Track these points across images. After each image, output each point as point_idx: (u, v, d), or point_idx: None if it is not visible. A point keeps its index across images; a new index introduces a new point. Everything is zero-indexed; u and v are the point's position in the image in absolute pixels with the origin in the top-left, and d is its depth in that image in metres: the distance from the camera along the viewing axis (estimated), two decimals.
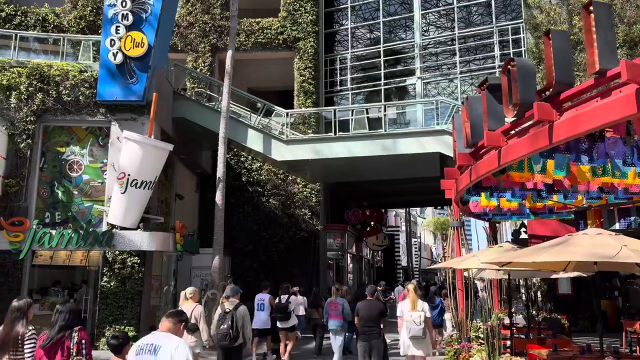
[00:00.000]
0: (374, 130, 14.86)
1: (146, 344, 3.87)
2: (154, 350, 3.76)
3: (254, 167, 20.94)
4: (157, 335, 3.94)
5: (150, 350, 3.78)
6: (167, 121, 15.54)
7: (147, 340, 3.91)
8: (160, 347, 3.77)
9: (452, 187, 9.97)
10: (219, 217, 13.62)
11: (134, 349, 3.90)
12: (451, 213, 9.91)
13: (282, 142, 15.17)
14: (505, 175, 7.66)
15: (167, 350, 3.74)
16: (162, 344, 3.79)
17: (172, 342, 3.82)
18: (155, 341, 3.86)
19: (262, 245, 20.37)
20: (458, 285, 9.55)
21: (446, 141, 13.96)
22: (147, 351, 3.79)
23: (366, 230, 26.82)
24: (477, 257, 7.50)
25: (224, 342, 7.33)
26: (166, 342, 3.81)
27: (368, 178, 18.72)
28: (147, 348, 3.81)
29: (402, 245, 49.57)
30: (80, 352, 4.80)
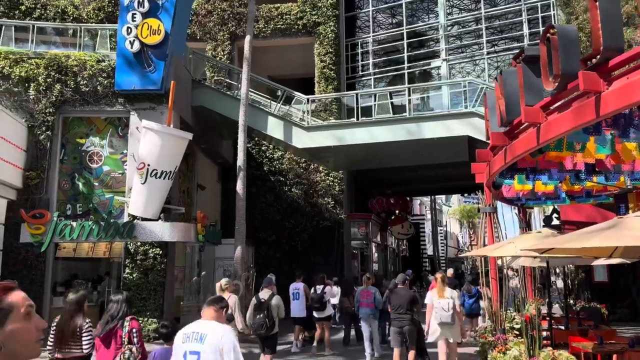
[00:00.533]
0: (398, 115, 14.31)
1: (192, 331, 3.86)
2: (200, 339, 3.77)
3: (275, 156, 20.60)
4: (202, 324, 3.92)
5: (196, 338, 3.79)
6: (187, 110, 15.27)
7: (192, 329, 3.90)
8: (206, 335, 3.76)
9: (484, 171, 9.42)
10: (240, 207, 13.32)
11: (180, 336, 3.92)
12: (483, 198, 9.36)
13: (302, 129, 14.75)
14: (543, 155, 7.11)
15: (213, 339, 3.74)
16: (207, 333, 3.78)
17: (218, 330, 3.83)
18: (201, 329, 3.85)
19: (285, 235, 20.07)
20: (491, 274, 9.04)
21: (475, 124, 13.34)
22: (193, 339, 3.81)
23: (391, 218, 26.29)
24: (513, 243, 6.99)
25: (260, 331, 7.57)
26: (212, 330, 3.81)
27: (392, 165, 18.17)
28: (194, 336, 3.82)
29: (428, 234, 48.82)
30: (131, 340, 4.88)
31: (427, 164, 18.07)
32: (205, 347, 3.71)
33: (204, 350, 3.71)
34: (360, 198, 24.74)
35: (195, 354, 3.73)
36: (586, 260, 8.32)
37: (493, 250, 7.09)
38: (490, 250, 7.26)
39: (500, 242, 7.77)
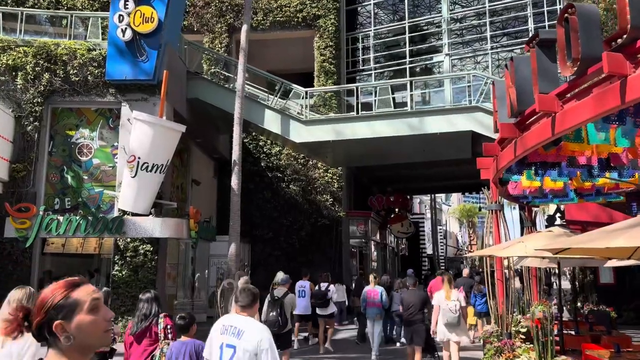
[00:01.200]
0: (400, 109, 13.82)
1: (230, 325, 3.82)
2: (238, 334, 3.72)
3: (273, 152, 20.09)
4: (240, 319, 3.85)
5: (234, 332, 3.75)
6: (181, 102, 14.77)
7: (230, 322, 3.86)
8: (244, 331, 3.72)
9: (490, 166, 8.92)
10: (235, 202, 12.82)
11: (218, 327, 3.87)
12: (488, 195, 8.86)
13: (301, 123, 14.24)
14: (556, 148, 6.61)
15: (251, 336, 3.68)
16: (245, 329, 3.73)
17: (256, 328, 3.78)
18: (239, 325, 3.78)
19: (282, 232, 19.59)
20: (497, 275, 8.54)
21: (479, 119, 12.84)
22: (230, 333, 3.77)
23: (390, 216, 25.79)
24: (524, 243, 6.50)
25: (274, 328, 7.53)
26: (250, 327, 3.76)
27: (393, 161, 17.67)
28: (231, 330, 3.77)
29: (427, 233, 48.35)
30: (167, 336, 5.03)
31: (429, 160, 17.59)
32: (242, 342, 3.67)
33: (240, 345, 3.67)
34: (359, 195, 24.25)
35: (231, 347, 3.71)
36: (598, 261, 7.84)
37: (502, 249, 6.60)
38: (499, 249, 6.77)
39: (509, 241, 7.28)
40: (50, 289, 1.71)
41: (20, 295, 3.83)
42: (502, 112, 7.22)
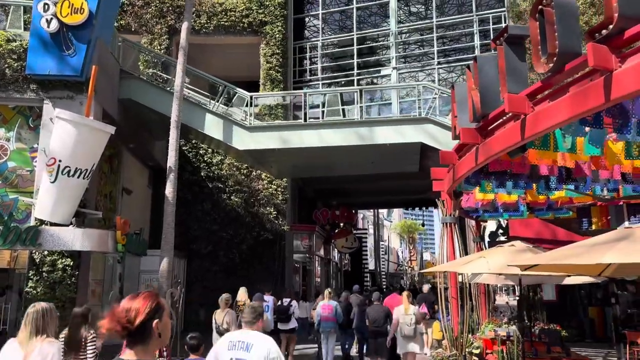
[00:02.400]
0: (350, 117, 13.26)
1: (238, 340, 3.92)
2: (247, 348, 3.82)
3: (214, 161, 19.02)
4: (247, 333, 3.98)
5: (242, 347, 3.84)
6: (112, 102, 13.53)
7: (237, 337, 3.97)
8: (252, 345, 3.82)
9: (445, 176, 8.44)
10: (169, 213, 11.72)
11: (224, 343, 3.95)
12: (444, 208, 8.35)
13: (245, 129, 13.36)
14: (521, 156, 6.16)
15: (260, 349, 3.79)
16: (254, 343, 3.85)
17: (264, 341, 3.90)
18: (247, 339, 3.90)
19: (222, 246, 18.47)
20: (452, 292, 8.00)
21: (429, 131, 12.48)
22: (239, 347, 3.86)
23: (335, 231, 25.20)
24: (485, 258, 5.95)
25: None
26: (258, 340, 3.88)
27: (340, 173, 17.09)
28: (240, 345, 3.86)
29: (370, 249, 48.22)
30: (161, 354, 5.67)
31: (376, 173, 17.14)
32: (252, 355, 3.77)
33: (251, 358, 3.77)
34: (304, 209, 23.50)
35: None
36: (557, 278, 7.46)
37: (463, 265, 6.02)
38: (458, 265, 6.19)
39: (468, 257, 6.75)
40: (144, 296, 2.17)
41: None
42: (463, 117, 6.72)
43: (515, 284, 8.62)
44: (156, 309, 2.09)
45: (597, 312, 15.67)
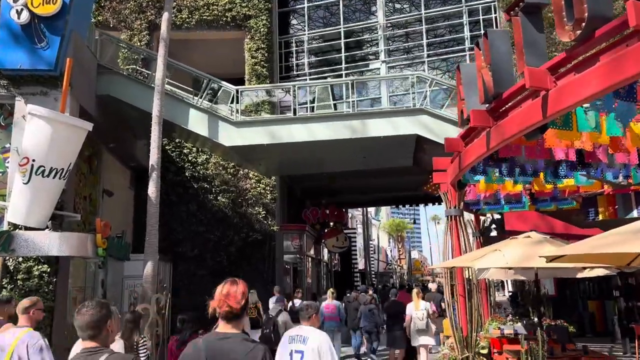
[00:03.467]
0: (341, 110, 12.70)
1: (296, 334, 4.64)
2: (304, 340, 4.53)
3: (199, 160, 18.30)
4: (304, 329, 4.66)
5: (300, 340, 4.55)
6: (89, 99, 12.80)
7: (295, 332, 4.68)
8: (308, 338, 4.53)
9: (449, 166, 7.93)
10: (153, 214, 11.04)
11: (286, 339, 4.70)
12: (448, 200, 7.83)
13: (231, 125, 12.72)
14: (538, 139, 5.65)
15: (314, 341, 4.48)
16: (309, 336, 4.55)
17: (318, 335, 4.59)
18: (304, 333, 4.60)
19: (209, 249, 17.76)
20: (459, 290, 7.48)
21: (424, 122, 11.98)
22: (297, 341, 4.56)
23: (325, 231, 24.63)
24: (500, 251, 5.43)
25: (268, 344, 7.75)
26: (312, 334, 4.58)
27: (330, 170, 16.51)
28: (298, 338, 4.58)
29: (359, 248, 47.74)
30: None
31: (368, 169, 16.59)
32: (308, 347, 4.41)
33: (307, 349, 4.40)
34: (293, 208, 22.89)
35: (299, 352, 4.45)
36: (571, 272, 6.99)
37: (477, 259, 5.50)
38: (471, 259, 5.66)
39: (480, 250, 6.22)
40: (241, 284, 2.90)
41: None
42: (471, 100, 6.20)
43: (528, 279, 8.14)
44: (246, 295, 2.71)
45: (597, 306, 15.34)
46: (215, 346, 2.68)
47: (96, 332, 2.70)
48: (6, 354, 4.22)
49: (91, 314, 2.74)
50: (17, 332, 4.39)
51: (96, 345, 2.67)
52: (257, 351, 2.68)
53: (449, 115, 11.84)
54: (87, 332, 2.69)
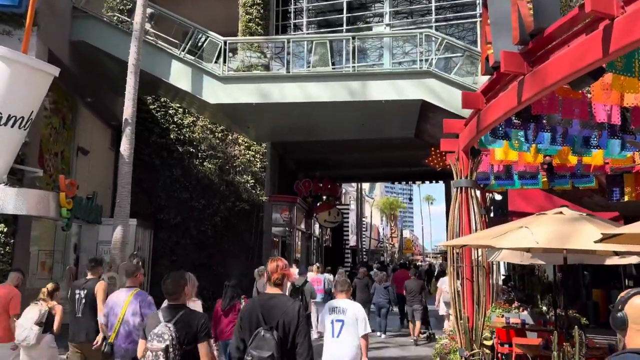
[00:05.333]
0: (339, 69, 11.48)
1: (336, 306, 5.31)
2: (343, 311, 5.24)
3: (185, 123, 17.05)
4: (342, 301, 5.35)
5: (340, 311, 5.25)
6: (61, 44, 11.52)
7: (336, 304, 5.34)
8: (347, 309, 5.24)
9: (462, 130, 6.82)
10: (125, 174, 9.92)
11: (327, 309, 5.37)
12: (457, 169, 6.74)
13: (217, 80, 11.50)
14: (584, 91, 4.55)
15: (352, 311, 5.22)
16: (348, 307, 5.25)
17: (355, 306, 5.33)
18: (342, 305, 5.30)
19: (193, 217, 16.67)
20: (466, 273, 6.47)
21: (431, 86, 10.83)
22: (338, 311, 5.26)
23: (317, 204, 23.60)
24: (528, 228, 4.38)
25: None
26: (351, 306, 5.29)
27: (326, 138, 15.35)
28: (338, 310, 5.27)
29: (352, 225, 46.91)
30: None
31: (366, 139, 15.46)
32: (347, 317, 5.21)
33: (346, 318, 5.21)
34: (284, 180, 21.79)
35: (339, 321, 5.23)
36: (601, 258, 5.98)
37: (500, 238, 4.44)
38: (492, 237, 4.60)
39: (503, 227, 5.18)
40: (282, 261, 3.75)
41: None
42: (499, 42, 5.04)
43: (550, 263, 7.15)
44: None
45: (601, 295, 14.46)
46: (266, 302, 3.60)
47: (177, 295, 3.78)
48: (121, 308, 5.18)
49: (173, 282, 3.82)
50: (129, 291, 5.29)
51: (177, 303, 3.77)
52: (295, 305, 3.60)
53: (459, 80, 10.69)
54: (171, 295, 3.78)
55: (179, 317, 3.66)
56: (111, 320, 5.21)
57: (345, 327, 5.13)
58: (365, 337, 5.17)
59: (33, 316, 5.73)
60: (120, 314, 5.13)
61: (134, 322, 5.08)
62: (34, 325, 5.66)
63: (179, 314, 3.68)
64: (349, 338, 5.11)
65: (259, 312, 3.55)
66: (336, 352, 5.13)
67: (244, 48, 15.93)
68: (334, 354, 5.13)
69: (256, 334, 3.45)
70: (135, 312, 5.15)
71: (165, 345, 3.49)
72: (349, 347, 5.10)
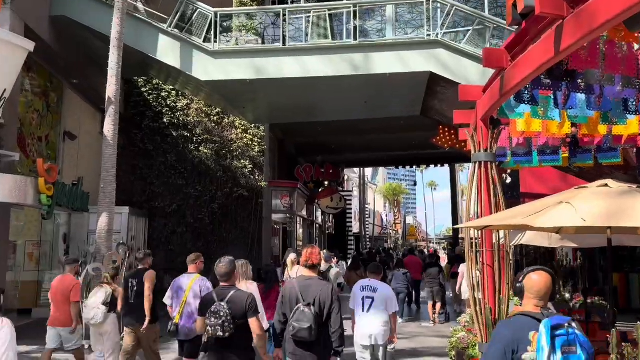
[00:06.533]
0: (340, 41, 10.62)
1: (367, 285, 5.90)
2: (374, 289, 5.81)
3: (178, 106, 16.25)
4: (372, 281, 5.93)
5: (371, 289, 5.82)
6: (40, 18, 10.69)
7: (367, 284, 5.92)
8: (377, 288, 5.83)
9: (479, 96, 6.03)
10: (109, 157, 9.16)
11: (358, 287, 5.96)
12: (475, 141, 5.95)
13: (208, 55, 10.67)
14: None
15: (382, 290, 5.84)
16: (378, 287, 5.86)
17: (385, 286, 6.03)
18: (373, 284, 5.88)
19: (189, 204, 15.95)
20: (487, 258, 5.71)
21: (440, 57, 9.99)
22: (369, 290, 5.83)
23: (319, 190, 22.85)
24: (570, 204, 3.62)
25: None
26: (380, 285, 5.91)
27: (326, 118, 14.51)
28: (369, 288, 5.85)
29: (355, 212, 46.26)
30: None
31: (370, 118, 14.62)
32: (377, 295, 5.76)
33: (376, 296, 5.76)
34: (284, 165, 21.04)
35: (370, 298, 5.77)
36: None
37: (535, 216, 3.66)
38: (525, 216, 3.83)
39: (538, 202, 4.41)
40: (317, 248, 4.54)
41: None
42: None
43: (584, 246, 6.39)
44: None
45: (619, 280, 13.72)
46: (304, 283, 4.34)
47: (227, 277, 4.40)
48: (184, 291, 5.88)
49: (224, 266, 4.41)
50: (191, 277, 6.00)
51: (228, 284, 4.38)
52: (329, 287, 4.38)
53: (471, 49, 9.84)
54: (223, 277, 4.39)
55: (230, 296, 4.17)
56: (175, 302, 5.95)
57: (374, 303, 5.74)
58: (394, 314, 5.89)
59: (100, 297, 6.40)
60: (183, 297, 5.86)
61: (195, 305, 5.54)
62: (100, 305, 6.33)
63: (230, 294, 4.20)
64: (377, 314, 5.74)
65: (298, 291, 4.28)
66: (366, 325, 5.76)
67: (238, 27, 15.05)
68: (363, 327, 5.78)
69: (296, 309, 4.17)
70: (196, 296, 5.80)
71: (222, 320, 4.02)
72: (377, 321, 5.74)
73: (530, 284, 2.75)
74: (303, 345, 4.14)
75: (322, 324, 4.15)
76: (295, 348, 4.18)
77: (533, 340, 2.49)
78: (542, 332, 2.46)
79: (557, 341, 2.46)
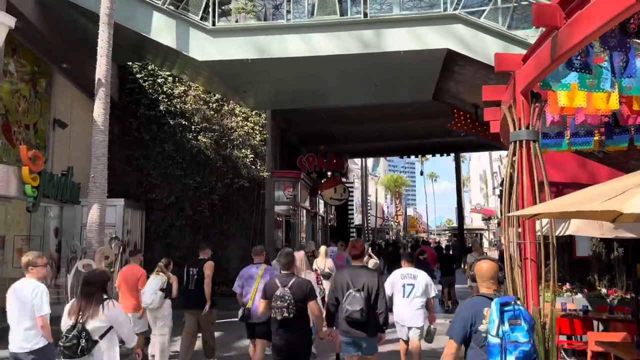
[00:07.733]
0: (349, 17, 9.81)
1: (407, 273, 6.62)
2: (414, 277, 6.53)
3: (175, 93, 15.43)
4: (411, 269, 6.68)
5: (410, 277, 6.54)
6: None
7: (406, 271, 6.64)
8: (417, 275, 6.55)
9: (519, 66, 5.28)
10: (99, 144, 8.42)
11: (398, 275, 6.66)
12: (512, 118, 5.20)
13: (206, 33, 9.86)
14: None
15: (421, 278, 6.53)
16: (417, 274, 6.57)
17: (423, 273, 6.66)
18: (412, 272, 6.62)
19: (188, 196, 15.21)
20: (525, 251, 5.00)
21: (458, 33, 9.20)
22: (409, 277, 6.55)
23: (322, 181, 22.10)
24: None
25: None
26: (420, 273, 6.62)
27: (333, 103, 13.74)
28: (409, 276, 6.57)
29: (356, 203, 45.59)
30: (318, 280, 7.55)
31: (379, 104, 13.85)
32: (417, 282, 6.48)
33: (416, 283, 6.46)
34: (286, 155, 20.29)
35: (410, 285, 6.47)
36: None
37: (617, 199, 2.94)
38: (600, 200, 3.11)
39: (614, 182, 3.67)
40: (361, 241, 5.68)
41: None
42: None
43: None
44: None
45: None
46: (353, 271, 5.10)
47: (288, 266, 5.13)
48: (255, 280, 6.55)
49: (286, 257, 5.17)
50: (259, 267, 6.65)
51: (289, 272, 5.09)
52: (374, 275, 5.12)
53: (492, 24, 9.06)
54: (285, 266, 5.14)
55: (291, 283, 4.86)
56: (246, 290, 6.53)
57: (414, 289, 6.45)
58: (433, 299, 6.63)
59: (157, 284, 7.04)
60: (254, 285, 6.44)
61: None
62: (158, 291, 6.98)
63: (291, 281, 4.89)
64: (416, 299, 6.46)
65: (348, 278, 5.01)
66: (406, 310, 6.48)
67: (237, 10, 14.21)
68: (404, 311, 6.49)
69: (348, 294, 4.88)
70: None
71: (287, 303, 4.68)
72: (416, 306, 6.47)
73: (480, 270, 3.47)
74: (355, 325, 4.90)
75: (371, 306, 4.90)
76: (348, 327, 4.96)
77: (487, 315, 3.14)
78: (493, 308, 3.10)
79: (506, 315, 3.08)
